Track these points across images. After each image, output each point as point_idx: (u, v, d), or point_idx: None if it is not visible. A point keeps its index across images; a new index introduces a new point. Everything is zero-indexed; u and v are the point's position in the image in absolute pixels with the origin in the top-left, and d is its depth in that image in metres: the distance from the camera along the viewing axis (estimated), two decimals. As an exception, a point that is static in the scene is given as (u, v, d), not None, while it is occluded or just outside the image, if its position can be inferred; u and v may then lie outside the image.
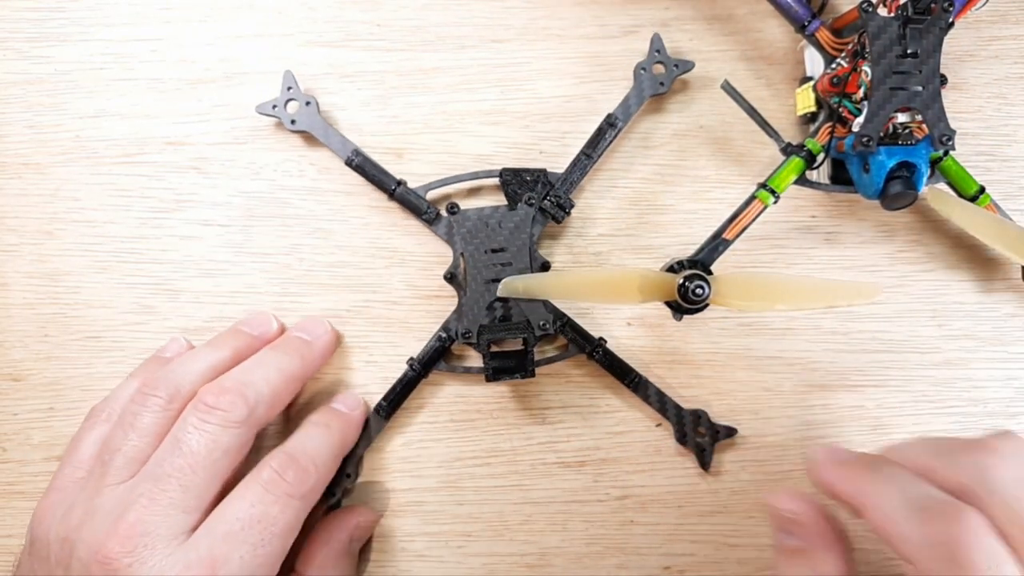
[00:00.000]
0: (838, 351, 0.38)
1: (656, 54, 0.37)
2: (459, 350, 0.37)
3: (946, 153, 0.34)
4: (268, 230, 0.38)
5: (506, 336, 0.34)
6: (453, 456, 0.37)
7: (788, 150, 0.34)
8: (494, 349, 0.35)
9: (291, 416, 0.37)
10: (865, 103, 0.32)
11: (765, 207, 0.34)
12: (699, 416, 0.36)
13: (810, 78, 0.36)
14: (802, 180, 0.35)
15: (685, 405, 0.37)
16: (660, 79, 0.37)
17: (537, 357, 0.36)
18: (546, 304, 0.35)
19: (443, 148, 0.38)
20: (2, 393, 0.38)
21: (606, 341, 0.36)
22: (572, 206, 0.36)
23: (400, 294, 0.38)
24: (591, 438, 0.37)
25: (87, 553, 0.28)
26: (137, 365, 0.37)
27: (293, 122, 0.36)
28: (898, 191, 0.32)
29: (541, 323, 0.35)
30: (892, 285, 0.38)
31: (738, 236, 0.34)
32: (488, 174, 0.36)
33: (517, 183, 0.36)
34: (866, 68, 0.32)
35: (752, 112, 0.34)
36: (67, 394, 0.37)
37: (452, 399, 0.37)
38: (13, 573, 0.32)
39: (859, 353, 0.38)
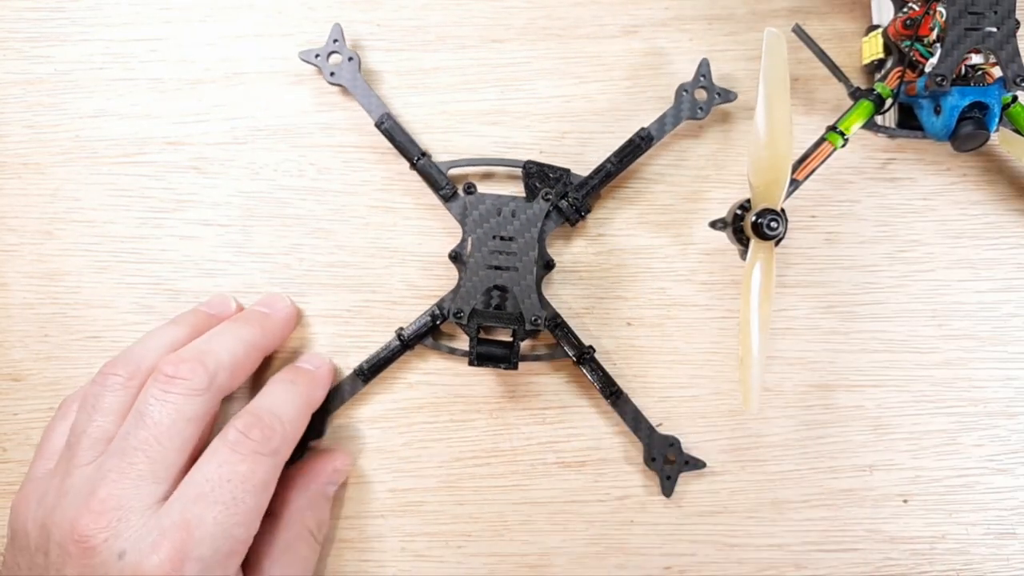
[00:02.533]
0: (838, 351, 0.38)
1: (701, 79, 0.37)
2: (450, 331, 0.37)
3: (1015, 99, 0.35)
4: (268, 230, 0.38)
5: (496, 324, 0.34)
6: (453, 456, 0.37)
7: (857, 94, 0.36)
8: (483, 335, 0.35)
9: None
10: (937, 46, 0.34)
11: (834, 149, 0.35)
12: (671, 443, 0.36)
13: (877, 26, 0.37)
14: (870, 124, 0.36)
15: (685, 406, 0.37)
16: (700, 104, 0.37)
17: (525, 352, 0.36)
18: (542, 300, 0.35)
19: (443, 148, 0.38)
20: (2, 393, 0.38)
21: (595, 350, 0.36)
22: (588, 211, 0.36)
23: (400, 294, 0.38)
24: (591, 438, 0.37)
25: (62, 534, 0.29)
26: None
27: (332, 74, 0.36)
28: (970, 131, 0.33)
29: (533, 318, 0.35)
30: (892, 285, 0.38)
31: (808, 177, 0.35)
32: (513, 163, 0.37)
33: (539, 177, 0.36)
34: (940, 9, 0.33)
35: (822, 55, 0.36)
36: (67, 394, 0.37)
37: (452, 399, 0.37)
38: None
39: (859, 353, 0.38)
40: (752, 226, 0.33)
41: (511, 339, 0.34)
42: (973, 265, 0.38)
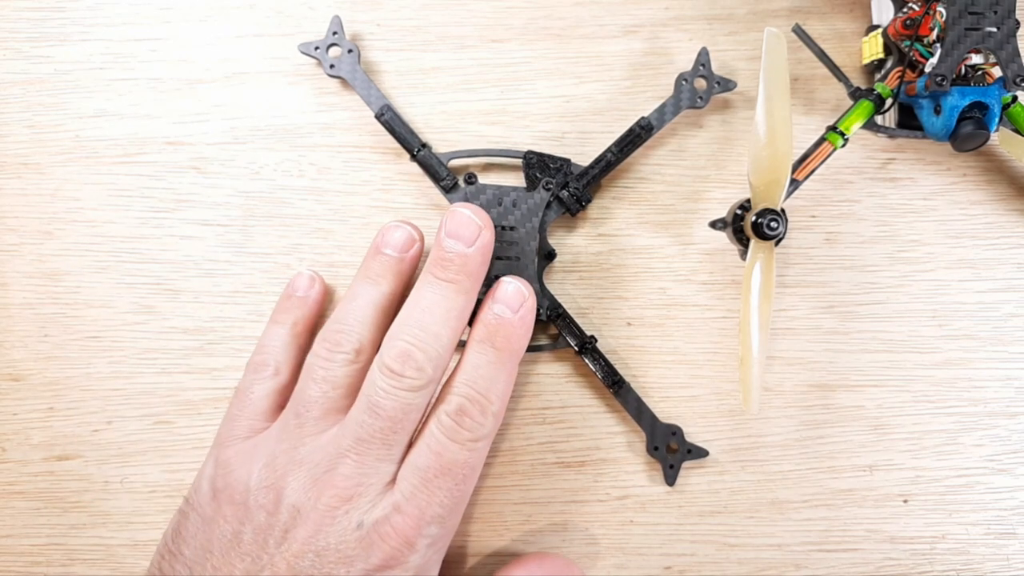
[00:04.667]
0: (838, 351, 0.38)
1: (701, 68, 0.37)
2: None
3: (1015, 99, 0.35)
4: (268, 230, 0.38)
5: None
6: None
7: (857, 94, 0.36)
8: None
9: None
10: (937, 46, 0.34)
11: (834, 149, 0.35)
12: (674, 432, 0.36)
13: (876, 26, 0.37)
14: (870, 124, 0.36)
15: (685, 406, 0.37)
16: (700, 94, 0.37)
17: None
18: (544, 290, 0.36)
19: (443, 148, 0.38)
20: (2, 393, 0.38)
21: (596, 340, 0.36)
22: (589, 200, 0.36)
23: (400, 294, 0.37)
24: (591, 438, 0.37)
25: (302, 500, 0.30)
26: (137, 365, 0.37)
27: (332, 67, 0.36)
28: (970, 131, 0.33)
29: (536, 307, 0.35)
30: (892, 285, 0.38)
31: (808, 177, 0.35)
32: (513, 153, 0.37)
33: (539, 167, 0.36)
34: (940, 9, 0.34)
35: (822, 55, 0.36)
36: (67, 394, 0.37)
37: (452, 399, 0.37)
38: (177, 522, 0.33)
39: (859, 353, 0.38)
40: (752, 226, 0.33)
41: None
42: (973, 265, 0.38)
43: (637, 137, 0.36)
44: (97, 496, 0.37)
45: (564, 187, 0.36)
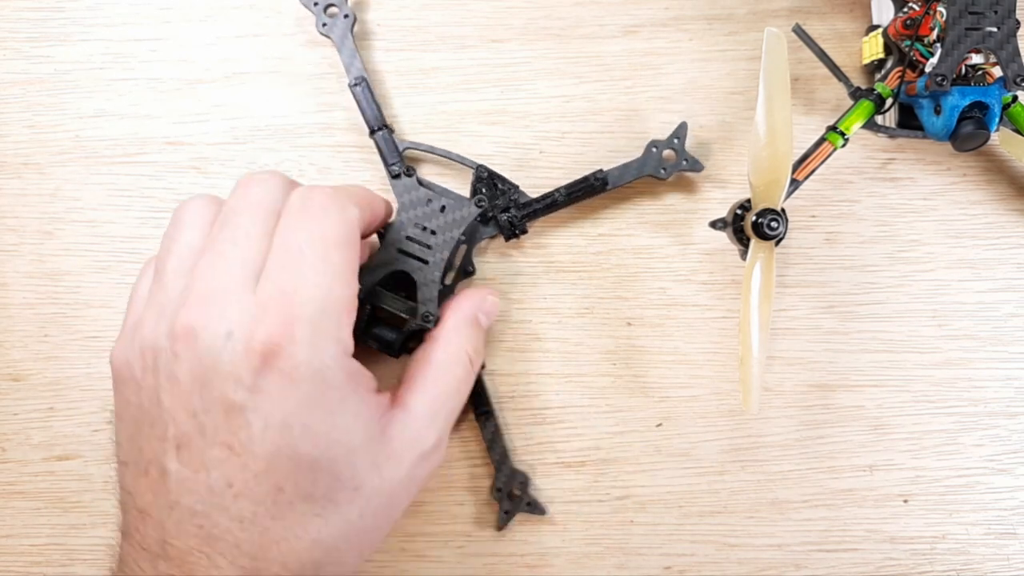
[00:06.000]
0: (838, 351, 0.37)
1: (675, 140, 0.36)
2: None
3: (1015, 99, 0.35)
4: (268, 230, 0.38)
5: (389, 307, 0.34)
6: (453, 456, 0.37)
7: (857, 94, 0.36)
8: (381, 314, 0.34)
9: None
10: (937, 45, 0.34)
11: (834, 149, 0.35)
12: (523, 481, 0.36)
13: (877, 26, 0.37)
14: (870, 124, 0.36)
15: (685, 406, 0.37)
16: (665, 165, 0.36)
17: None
18: (437, 301, 0.34)
19: (443, 148, 0.38)
20: (2, 393, 0.38)
21: (484, 367, 0.36)
22: (524, 232, 0.36)
23: (400, 294, 0.37)
24: (591, 438, 0.37)
25: (167, 339, 0.28)
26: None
27: (324, 25, 0.36)
28: (970, 131, 0.33)
29: (425, 313, 0.34)
30: (892, 285, 0.38)
31: (808, 177, 0.35)
32: (467, 162, 0.36)
33: (488, 184, 0.36)
34: (941, 9, 0.34)
35: (822, 55, 0.36)
36: (67, 394, 0.37)
37: (452, 399, 0.37)
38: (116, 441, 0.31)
39: (859, 353, 0.38)
40: (752, 226, 0.33)
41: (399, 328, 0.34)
42: (973, 265, 0.38)
43: (590, 187, 0.36)
44: (97, 496, 0.37)
45: (505, 211, 0.35)
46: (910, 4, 0.35)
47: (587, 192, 0.36)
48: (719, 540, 0.37)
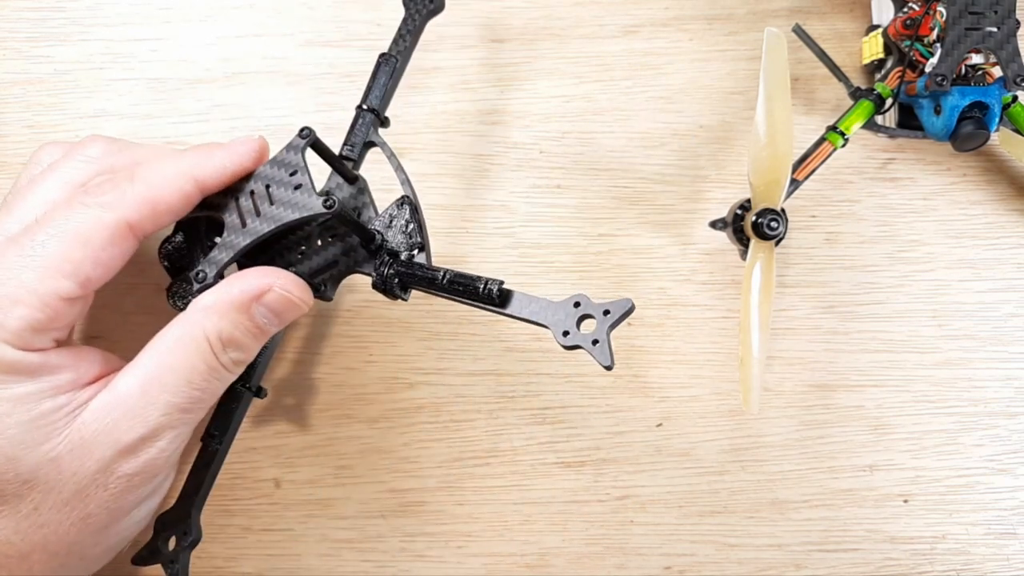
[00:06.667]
0: (838, 351, 0.38)
1: (605, 313, 0.27)
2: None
3: (1015, 99, 0.35)
4: (268, 230, 0.38)
5: (187, 243, 0.31)
6: (453, 456, 0.37)
7: (857, 94, 0.36)
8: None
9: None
10: (937, 45, 0.34)
11: (835, 149, 0.35)
12: (186, 532, 0.32)
13: (877, 26, 0.37)
14: (870, 124, 0.36)
15: (685, 406, 0.37)
16: (567, 329, 0.28)
17: None
18: (221, 275, 0.30)
19: (443, 148, 0.38)
20: None
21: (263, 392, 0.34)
22: (396, 297, 0.31)
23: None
24: (591, 438, 0.37)
25: None
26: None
27: None
28: (970, 131, 0.34)
29: (198, 272, 0.29)
30: (892, 285, 0.38)
31: (808, 177, 0.35)
32: (407, 187, 0.32)
33: (398, 217, 0.31)
34: (941, 9, 0.34)
35: (822, 55, 0.36)
36: (67, 394, 0.37)
37: (452, 399, 0.37)
38: None
39: (859, 353, 0.38)
40: (752, 226, 0.33)
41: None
42: (973, 265, 0.38)
43: (474, 291, 0.29)
44: None
45: (390, 265, 0.30)
46: (910, 4, 0.35)
47: (469, 294, 0.29)
48: (719, 540, 0.37)
